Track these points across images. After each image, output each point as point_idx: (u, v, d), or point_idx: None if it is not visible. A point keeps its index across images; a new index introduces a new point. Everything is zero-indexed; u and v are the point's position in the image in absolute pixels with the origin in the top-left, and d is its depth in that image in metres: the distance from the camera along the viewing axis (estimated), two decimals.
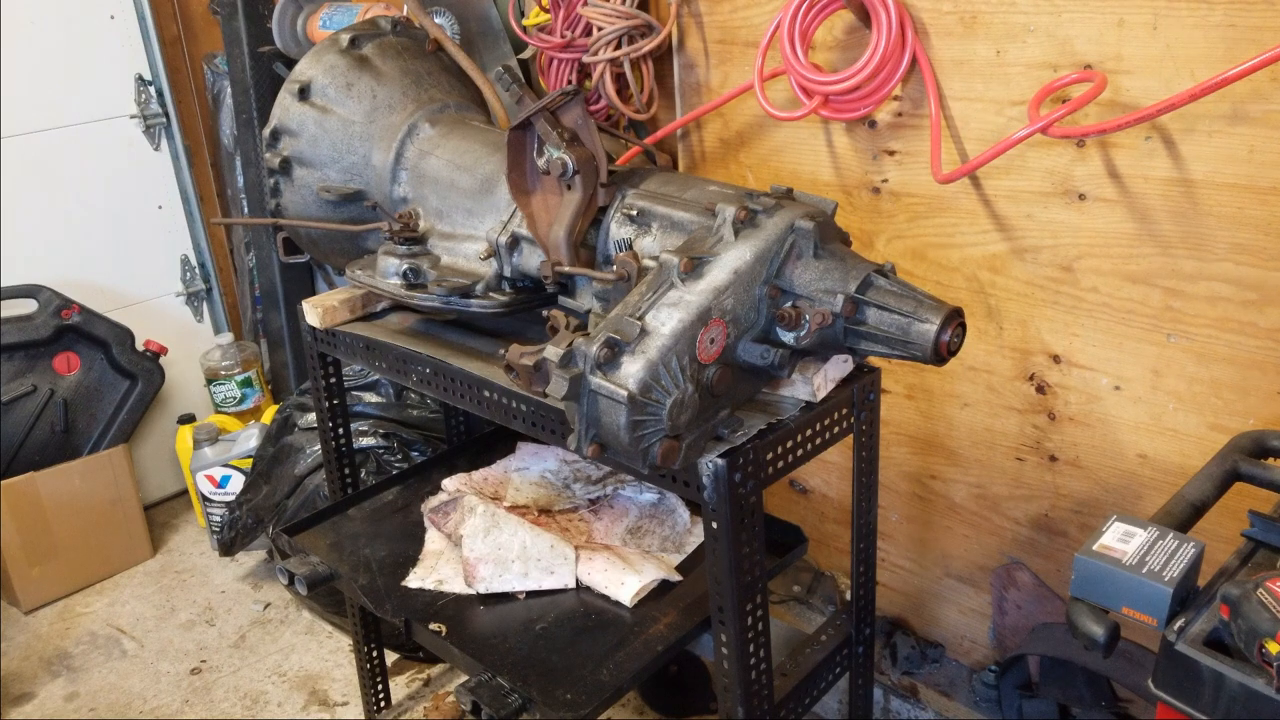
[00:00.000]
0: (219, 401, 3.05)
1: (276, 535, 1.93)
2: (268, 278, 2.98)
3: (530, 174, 1.51)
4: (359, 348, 1.78)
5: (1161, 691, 1.07)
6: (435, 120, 1.78)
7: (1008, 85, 1.59)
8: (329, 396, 1.95)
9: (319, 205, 1.83)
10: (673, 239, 1.41)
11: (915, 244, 1.81)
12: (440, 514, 1.84)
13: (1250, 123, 1.37)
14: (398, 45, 1.87)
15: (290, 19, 2.52)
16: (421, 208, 1.74)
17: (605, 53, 1.99)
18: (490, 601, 1.66)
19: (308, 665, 2.44)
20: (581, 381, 1.20)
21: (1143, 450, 1.64)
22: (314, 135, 1.79)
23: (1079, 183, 1.57)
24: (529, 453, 2.04)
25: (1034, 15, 1.53)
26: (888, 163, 1.80)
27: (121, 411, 2.89)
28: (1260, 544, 1.21)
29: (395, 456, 2.36)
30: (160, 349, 2.95)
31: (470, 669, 1.54)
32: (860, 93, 1.68)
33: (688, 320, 1.21)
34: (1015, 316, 1.72)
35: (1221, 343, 1.50)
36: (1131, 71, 1.46)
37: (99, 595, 2.77)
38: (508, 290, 1.62)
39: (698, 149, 2.12)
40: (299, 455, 2.46)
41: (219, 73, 2.96)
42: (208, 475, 2.81)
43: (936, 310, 1.23)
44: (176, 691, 2.39)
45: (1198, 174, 1.44)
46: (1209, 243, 1.46)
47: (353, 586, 1.74)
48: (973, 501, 1.91)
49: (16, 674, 2.48)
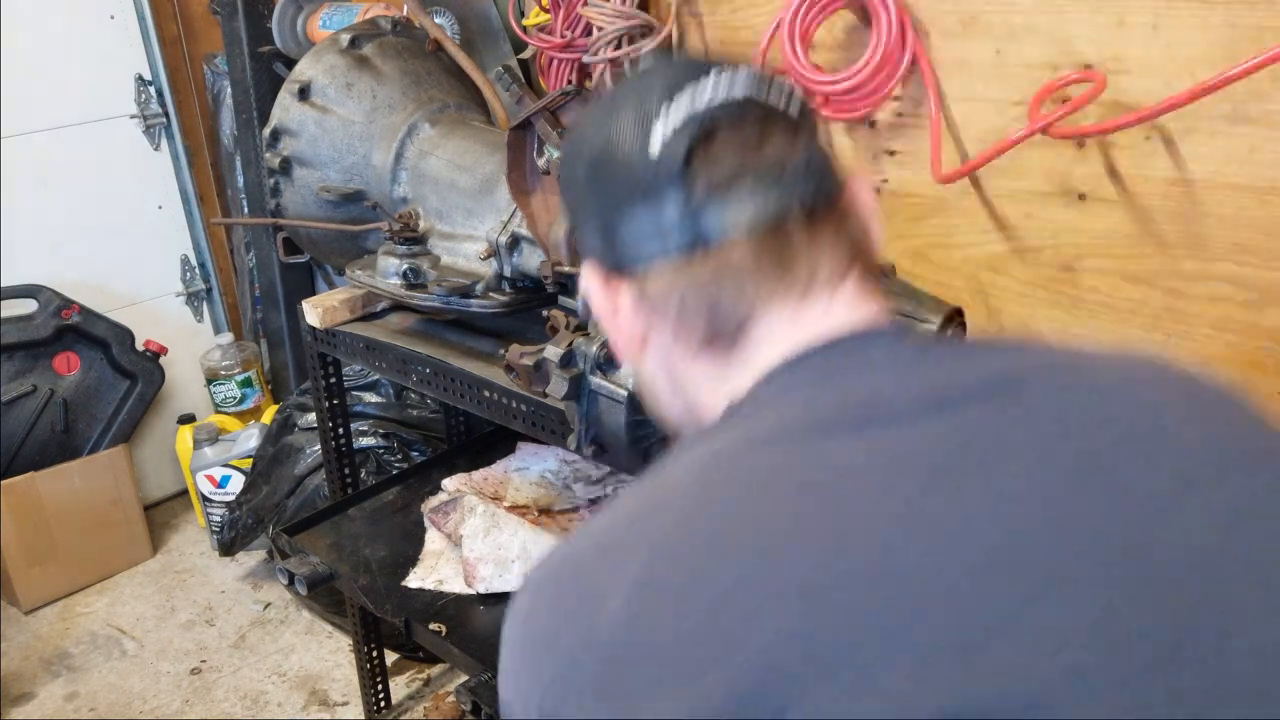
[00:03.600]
0: (219, 401, 3.05)
1: (276, 535, 1.93)
2: (267, 278, 2.98)
3: (530, 174, 1.51)
4: (359, 348, 1.78)
5: None
6: (435, 120, 1.78)
7: (1008, 85, 1.59)
8: (329, 396, 1.95)
9: (319, 205, 1.83)
10: None
11: (915, 244, 1.81)
12: (440, 514, 1.84)
13: (1251, 123, 1.37)
14: (398, 45, 1.87)
15: (290, 19, 2.51)
16: (421, 208, 1.74)
17: (605, 53, 1.99)
18: (490, 601, 1.66)
19: (308, 665, 2.44)
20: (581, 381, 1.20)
21: None
22: (314, 135, 1.79)
23: (1079, 183, 1.57)
24: (529, 453, 2.04)
25: (1034, 15, 1.53)
26: (888, 163, 1.80)
27: (121, 411, 2.88)
28: None
29: (395, 456, 2.36)
30: (160, 349, 2.94)
31: (470, 669, 1.54)
32: (860, 93, 1.68)
33: None
34: (1016, 316, 1.72)
35: (1222, 343, 1.49)
36: (1132, 71, 1.46)
37: (99, 595, 2.77)
38: (507, 290, 1.62)
39: None
40: (299, 455, 2.45)
41: (219, 73, 2.96)
42: (208, 475, 2.81)
43: (937, 310, 1.23)
44: (176, 691, 2.39)
45: (1198, 174, 1.44)
46: (1209, 243, 1.46)
47: (353, 586, 1.74)
48: None
49: (16, 674, 2.48)
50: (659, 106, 0.73)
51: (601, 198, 0.76)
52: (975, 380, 0.65)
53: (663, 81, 0.74)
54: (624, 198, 0.74)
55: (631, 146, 0.73)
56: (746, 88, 0.74)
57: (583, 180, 0.78)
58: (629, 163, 0.73)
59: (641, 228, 0.73)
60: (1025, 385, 0.64)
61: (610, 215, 0.75)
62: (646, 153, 0.72)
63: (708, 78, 0.74)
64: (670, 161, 0.71)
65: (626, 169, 0.73)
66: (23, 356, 2.75)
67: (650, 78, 0.76)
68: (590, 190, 0.77)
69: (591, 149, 0.77)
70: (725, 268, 0.71)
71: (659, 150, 0.72)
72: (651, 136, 0.72)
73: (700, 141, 0.71)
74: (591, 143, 0.77)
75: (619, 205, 0.74)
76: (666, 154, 0.71)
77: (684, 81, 0.73)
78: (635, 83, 0.78)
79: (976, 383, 0.65)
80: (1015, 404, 0.63)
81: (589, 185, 0.77)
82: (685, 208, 0.71)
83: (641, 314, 0.76)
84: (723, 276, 0.71)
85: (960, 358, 0.71)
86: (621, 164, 0.74)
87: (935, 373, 0.67)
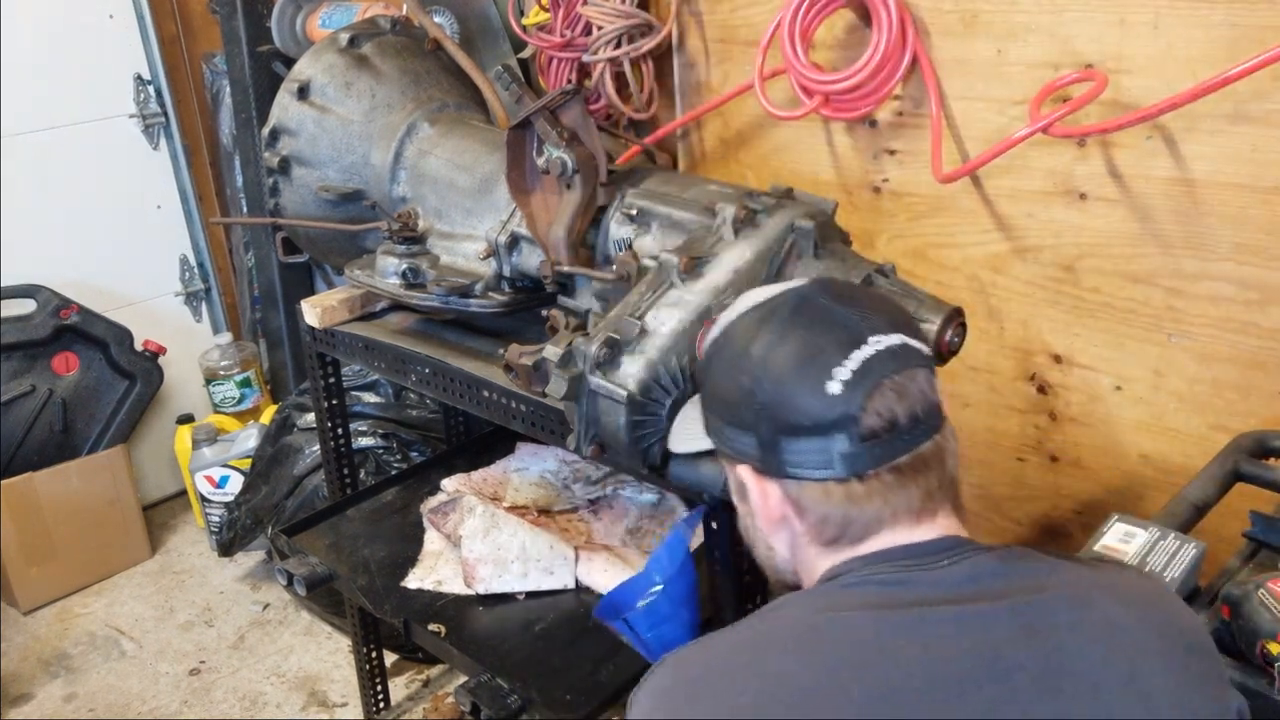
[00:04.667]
0: (218, 401, 3.05)
1: (275, 536, 1.92)
2: (266, 277, 2.98)
3: (530, 173, 1.51)
4: (358, 348, 1.78)
5: None
6: (434, 119, 1.78)
7: (1009, 84, 1.59)
8: (328, 396, 1.94)
9: (318, 205, 1.83)
10: (672, 238, 1.41)
11: (916, 243, 1.81)
12: (439, 514, 1.84)
13: (1252, 122, 1.37)
14: (397, 44, 1.86)
15: (289, 18, 2.51)
16: (420, 207, 1.74)
17: (605, 52, 1.98)
18: (489, 602, 1.66)
19: (307, 666, 2.44)
20: (581, 381, 1.19)
21: (1144, 450, 1.63)
22: (313, 134, 1.78)
23: (1080, 182, 1.57)
24: (528, 453, 2.03)
25: (1035, 14, 1.53)
26: (888, 162, 1.79)
27: (120, 411, 2.88)
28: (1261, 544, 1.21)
29: (394, 456, 2.36)
30: (159, 349, 2.94)
31: (470, 670, 1.54)
32: (861, 92, 1.68)
33: (687, 320, 1.20)
34: (1016, 316, 1.72)
35: (1223, 343, 1.49)
36: (1133, 71, 1.45)
37: (97, 596, 2.76)
38: (507, 290, 1.62)
39: (698, 148, 2.12)
40: (298, 455, 2.45)
41: (218, 72, 2.95)
42: (206, 475, 2.81)
43: (937, 310, 1.23)
44: (175, 692, 2.38)
45: (1199, 173, 1.44)
46: (1211, 242, 1.46)
47: (352, 587, 1.74)
48: (974, 502, 1.91)
49: (15, 675, 2.47)
50: (836, 352, 0.85)
51: (772, 422, 0.87)
52: (1005, 608, 0.80)
53: (839, 321, 0.88)
54: (796, 426, 0.86)
55: (812, 384, 0.85)
56: (902, 332, 0.88)
57: (749, 400, 0.89)
58: (806, 398, 0.85)
59: (809, 454, 0.86)
60: (1046, 608, 0.80)
61: (778, 436, 0.87)
62: (824, 392, 0.84)
63: (877, 326, 0.87)
64: (845, 405, 0.84)
65: (803, 403, 0.85)
66: (21, 356, 2.75)
67: (824, 314, 0.89)
68: (759, 412, 0.88)
69: (766, 374, 0.88)
70: (870, 495, 0.86)
71: (839, 391, 0.84)
72: (831, 378, 0.84)
73: (872, 390, 0.84)
74: (767, 368, 0.88)
75: (792, 431, 0.86)
76: (843, 399, 0.84)
77: (859, 326, 0.87)
78: (808, 314, 0.89)
79: (1006, 611, 0.80)
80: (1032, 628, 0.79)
81: (757, 407, 0.88)
82: (851, 445, 0.84)
83: (787, 506, 0.90)
84: (865, 501, 0.86)
85: (1008, 575, 0.85)
86: (798, 397, 0.85)
87: (980, 586, 0.83)
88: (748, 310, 0.95)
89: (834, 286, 0.95)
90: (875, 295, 0.99)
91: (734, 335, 0.94)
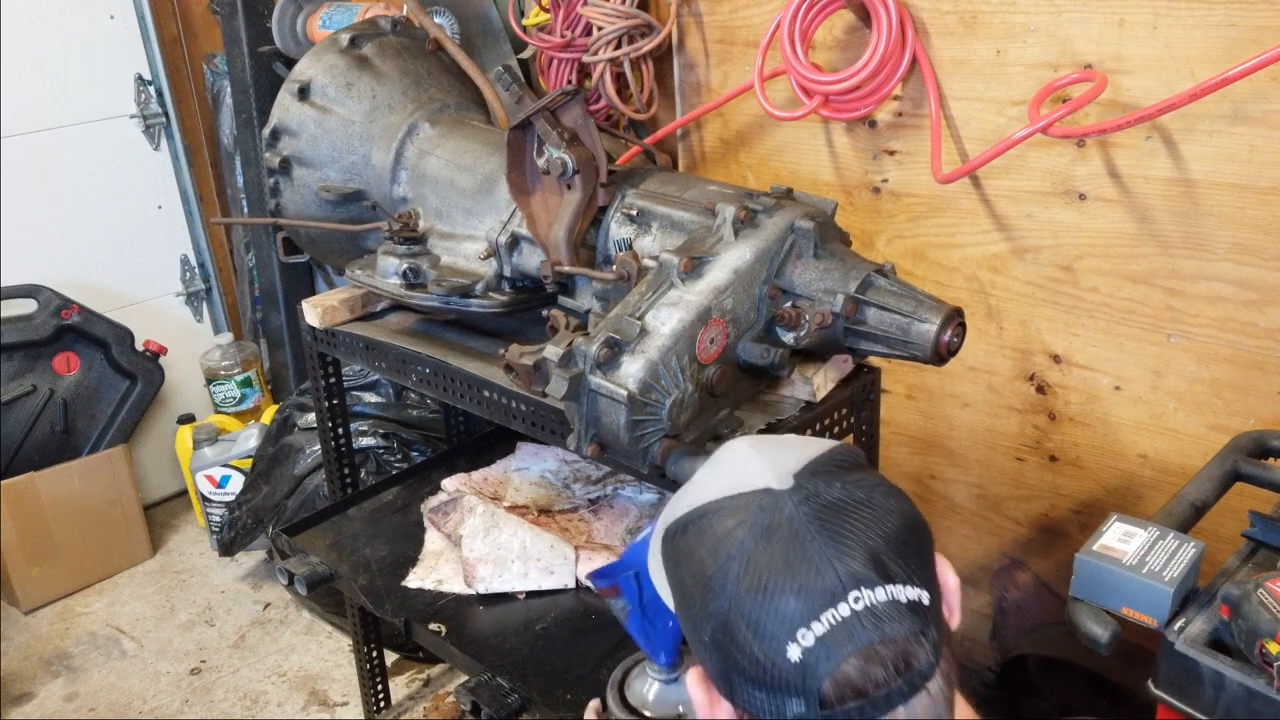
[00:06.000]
0: (219, 401, 3.05)
1: (276, 535, 1.93)
2: (267, 277, 2.98)
3: (530, 174, 1.51)
4: (359, 348, 1.78)
5: (1162, 692, 1.07)
6: (435, 120, 1.78)
7: (1008, 85, 1.59)
8: (329, 396, 1.95)
9: (319, 205, 1.83)
10: (673, 239, 1.41)
11: (915, 244, 1.81)
12: (440, 514, 1.84)
13: (1251, 122, 1.37)
14: (397, 45, 1.86)
15: (290, 18, 2.51)
16: (421, 207, 1.74)
17: (605, 52, 1.99)
18: (490, 601, 1.66)
19: (307, 665, 2.44)
20: (581, 381, 1.20)
21: (1143, 450, 1.63)
22: (314, 135, 1.79)
23: (1079, 183, 1.57)
24: (529, 453, 2.03)
25: (1034, 15, 1.53)
26: (888, 162, 1.79)
27: (121, 411, 2.88)
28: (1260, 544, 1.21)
29: (395, 456, 2.36)
30: (160, 349, 2.94)
31: (470, 669, 1.54)
32: (860, 92, 1.68)
33: (688, 320, 1.21)
34: (1015, 316, 1.72)
35: (1222, 343, 1.49)
36: (1132, 71, 1.46)
37: (98, 595, 2.77)
38: (507, 290, 1.62)
39: (698, 149, 2.12)
40: (299, 455, 2.45)
41: (219, 72, 2.96)
42: (207, 475, 2.81)
43: (936, 310, 1.23)
44: (176, 692, 2.38)
45: (1198, 174, 1.44)
46: (1209, 242, 1.46)
47: (352, 586, 1.74)
48: (973, 501, 1.91)
49: (16, 674, 2.48)
50: (803, 609, 0.71)
51: (726, 658, 0.75)
52: None
53: (814, 563, 0.73)
54: (750, 675, 0.73)
55: (770, 641, 0.72)
56: (892, 581, 0.73)
57: (703, 621, 0.77)
58: (763, 651, 0.72)
59: (761, 704, 0.74)
60: None
61: (733, 675, 0.75)
62: (782, 654, 0.71)
63: (861, 576, 0.72)
64: (804, 674, 0.71)
65: (760, 654, 0.73)
66: (22, 356, 2.75)
67: (799, 548, 0.74)
68: (715, 641, 0.76)
69: (722, 609, 0.75)
70: None
71: (798, 659, 0.71)
72: (794, 640, 0.71)
73: (840, 660, 0.71)
74: (725, 601, 0.75)
75: (744, 677, 0.74)
76: (802, 666, 0.71)
77: (837, 576, 0.72)
78: (780, 545, 0.75)
79: None
80: None
81: (712, 637, 0.76)
82: (807, 712, 0.71)
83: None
84: None
85: None
86: (754, 647, 0.73)
87: None
88: (717, 506, 0.80)
89: (818, 494, 0.78)
90: (867, 506, 0.79)
91: (698, 539, 0.80)
